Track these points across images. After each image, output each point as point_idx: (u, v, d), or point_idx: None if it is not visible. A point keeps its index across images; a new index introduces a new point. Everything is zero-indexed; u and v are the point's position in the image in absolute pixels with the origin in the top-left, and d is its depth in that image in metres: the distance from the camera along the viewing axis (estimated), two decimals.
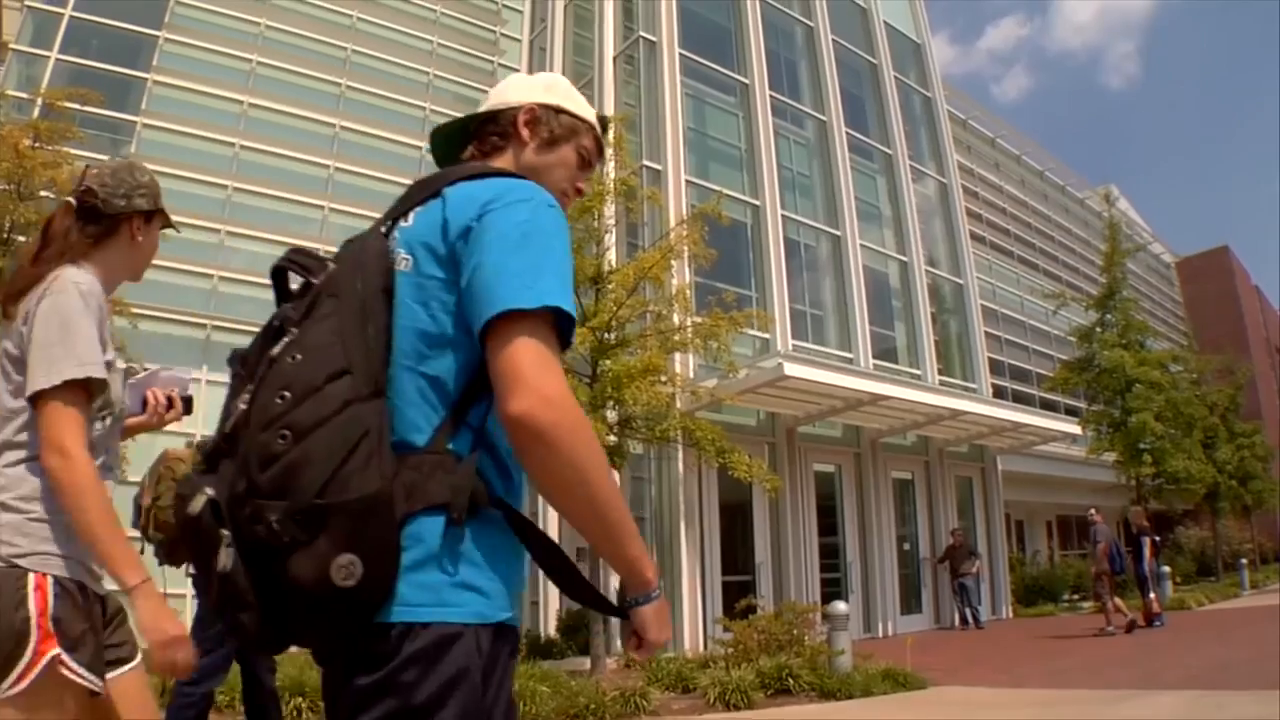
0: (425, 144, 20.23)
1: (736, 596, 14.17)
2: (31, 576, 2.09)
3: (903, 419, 18.93)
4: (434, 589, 1.45)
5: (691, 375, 16.06)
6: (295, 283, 1.71)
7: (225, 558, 1.40)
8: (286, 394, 1.42)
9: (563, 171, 1.93)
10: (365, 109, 20.15)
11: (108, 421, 2.35)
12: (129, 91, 17.83)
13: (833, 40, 22.36)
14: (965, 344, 23.54)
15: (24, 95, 15.82)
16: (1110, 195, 32.19)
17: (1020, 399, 28.90)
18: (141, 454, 14.17)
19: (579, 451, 1.46)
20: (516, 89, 1.98)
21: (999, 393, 26.85)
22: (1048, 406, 29.10)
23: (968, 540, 20.05)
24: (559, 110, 1.93)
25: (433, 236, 1.61)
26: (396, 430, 1.49)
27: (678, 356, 15.29)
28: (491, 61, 22.82)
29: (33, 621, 2.06)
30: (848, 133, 21.58)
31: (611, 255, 15.39)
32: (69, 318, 2.18)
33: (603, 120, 2.05)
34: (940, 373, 21.72)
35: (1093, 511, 16.81)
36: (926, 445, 20.91)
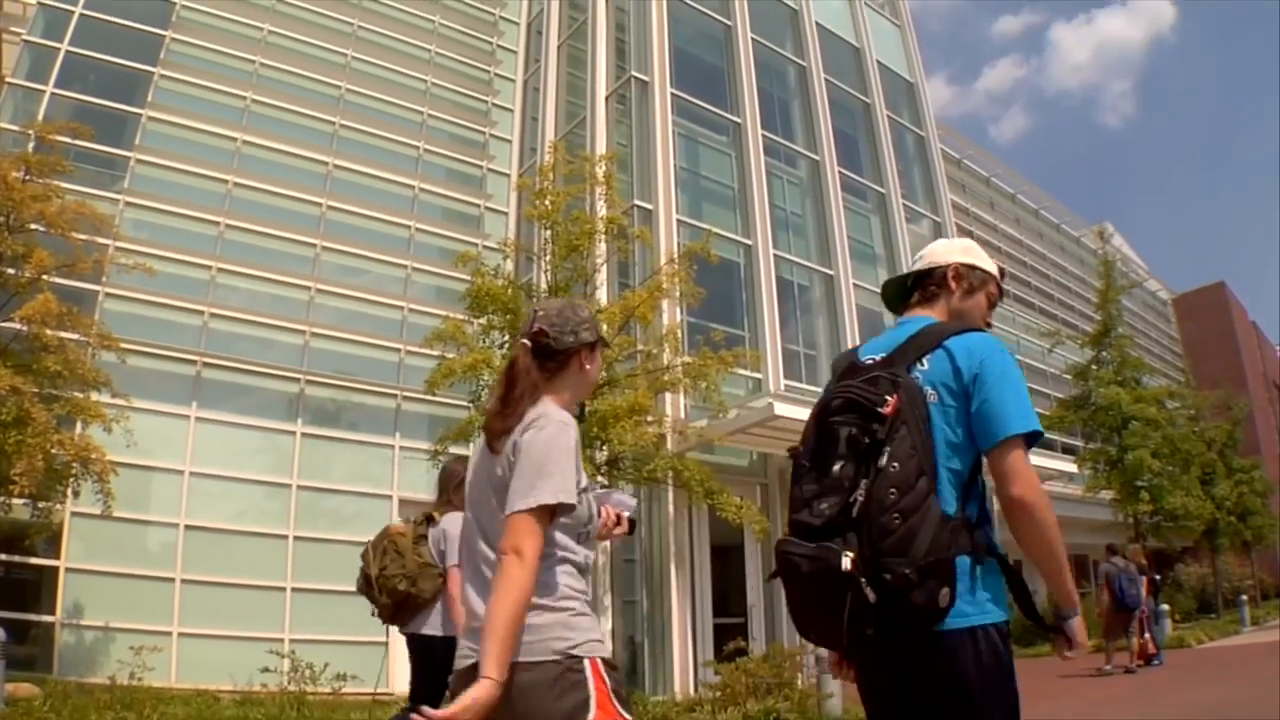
0: (418, 182, 20.54)
1: (728, 639, 13.97)
2: (587, 662, 2.48)
3: None
4: (977, 604, 2.41)
5: (683, 415, 15.93)
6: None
7: (869, 594, 2.27)
8: (894, 491, 2.32)
9: (979, 311, 2.90)
10: (359, 148, 20.16)
11: (587, 538, 2.75)
12: (124, 127, 17.86)
13: (825, 79, 22.41)
14: None
15: (15, 128, 15.90)
16: (1105, 232, 32.20)
17: None
18: (135, 492, 14.19)
19: (1046, 518, 2.42)
20: (943, 253, 2.98)
21: None
22: (1045, 445, 28.89)
23: None
24: (973, 267, 2.91)
25: (949, 379, 2.54)
26: (944, 504, 2.40)
27: (668, 397, 15.22)
28: (486, 101, 22.92)
29: (593, 700, 2.43)
30: (841, 172, 21.59)
31: (603, 294, 15.39)
32: (551, 451, 2.55)
33: (1001, 270, 2.99)
34: None
35: (1123, 551, 16.46)
36: None
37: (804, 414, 11.57)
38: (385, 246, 19.64)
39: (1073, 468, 23.11)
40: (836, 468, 2.40)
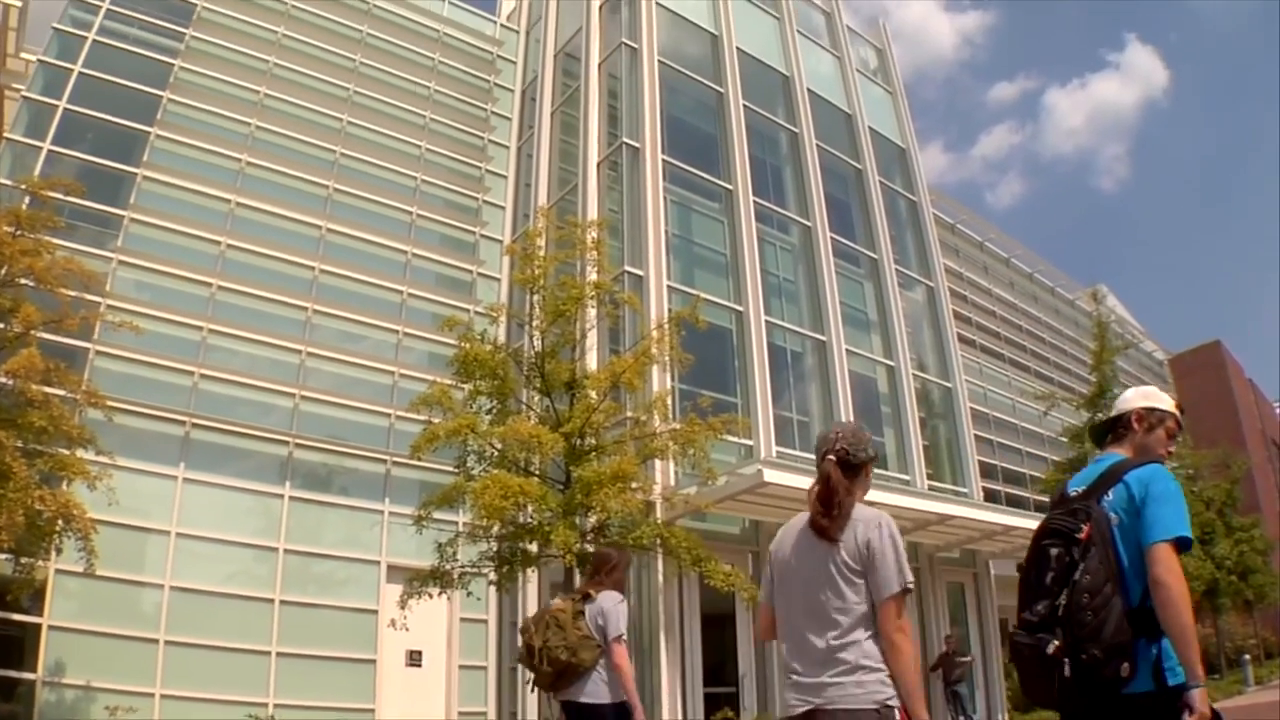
0: (411, 247, 20.62)
1: (719, 709, 13.85)
2: (896, 712, 3.29)
3: None
4: (1155, 673, 3.15)
5: (672, 482, 15.82)
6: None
7: (1067, 670, 3.12)
8: (1087, 595, 3.14)
9: (1159, 443, 3.69)
10: (353, 212, 20.28)
11: None
12: (120, 186, 17.94)
13: (817, 146, 22.58)
14: (955, 448, 23.33)
15: (8, 183, 15.98)
16: (1098, 294, 32.31)
17: (1014, 502, 28.65)
18: (121, 551, 14.06)
19: (1178, 599, 3.06)
20: (1129, 401, 3.80)
21: (992, 496, 26.58)
22: (1043, 509, 28.71)
23: (960, 646, 19.64)
24: (1152, 409, 3.72)
25: (1127, 505, 3.34)
26: (1130, 598, 3.19)
27: (657, 463, 15.14)
28: (479, 167, 23.07)
29: None
30: (833, 238, 21.67)
31: (592, 359, 15.36)
32: (900, 548, 3.41)
33: (1180, 406, 3.77)
34: (930, 477, 21.47)
35: None
36: (916, 551, 20.57)
37: (795, 480, 11.61)
38: (377, 311, 19.68)
39: None
40: (1048, 579, 3.30)
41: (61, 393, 12.87)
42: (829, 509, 3.49)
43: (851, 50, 26.26)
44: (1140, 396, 3.80)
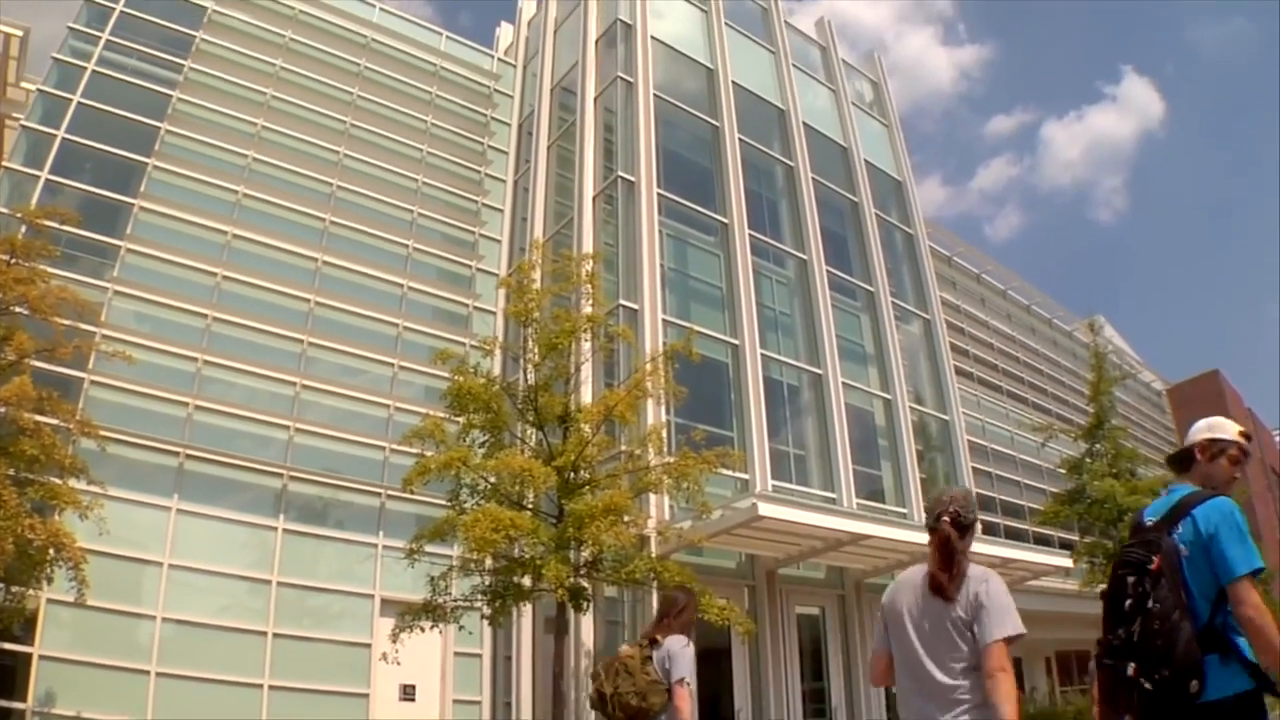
0: (407, 281, 20.63)
1: None
2: None
3: (887, 558, 18.53)
4: (1225, 684, 3.50)
5: (667, 516, 15.77)
6: None
7: (1147, 687, 3.51)
8: (1158, 622, 3.50)
9: (1222, 471, 4.05)
10: (349, 245, 20.30)
11: None
12: (117, 216, 17.96)
13: (813, 179, 22.68)
14: (952, 481, 23.25)
15: (4, 211, 15.99)
16: (1095, 324, 32.23)
17: (1013, 535, 28.54)
18: (114, 581, 13.98)
19: (1265, 628, 3.41)
20: (1195, 433, 4.17)
21: (991, 529, 26.51)
22: (1042, 541, 28.62)
23: None
24: (1214, 440, 4.08)
25: (1196, 539, 3.66)
26: (1199, 619, 3.55)
27: (652, 497, 15.09)
28: (476, 201, 23.14)
29: None
30: (829, 271, 21.73)
31: (587, 392, 15.35)
32: (1007, 597, 3.78)
33: (1245, 434, 4.16)
34: (927, 511, 21.35)
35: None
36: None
37: (790, 515, 11.59)
38: (373, 344, 19.66)
39: (1067, 563, 22.77)
40: (1125, 605, 3.68)
41: (54, 421, 12.86)
42: (949, 569, 3.89)
43: (847, 84, 26.44)
44: (1205, 428, 4.17)
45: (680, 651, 6.09)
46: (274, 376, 18.41)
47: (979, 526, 4.16)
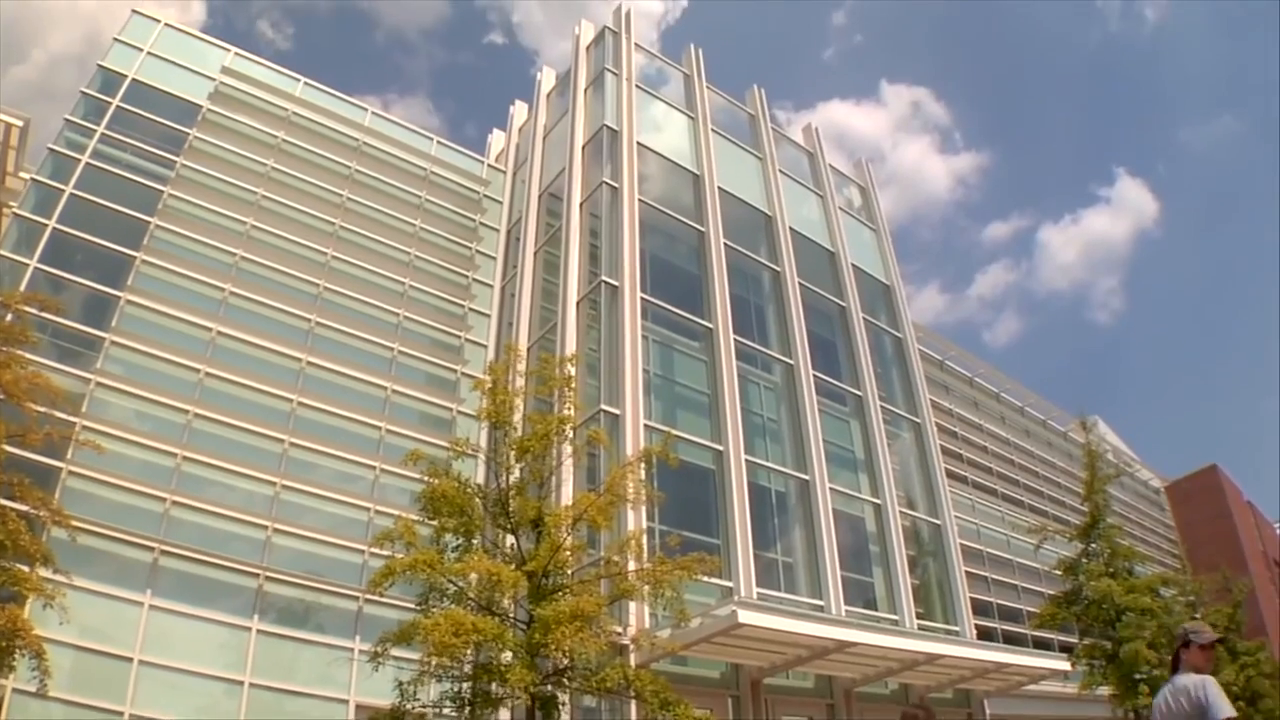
0: (392, 384, 20.62)
1: None
2: None
3: (876, 666, 18.17)
4: None
5: (647, 624, 15.46)
6: None
7: None
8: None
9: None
10: (334, 346, 20.38)
11: None
12: (103, 308, 18.08)
13: (800, 284, 22.78)
14: (946, 586, 22.92)
15: None
16: (1088, 423, 32.07)
17: (1011, 639, 28.05)
18: (82, 674, 13.65)
19: None
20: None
21: (988, 634, 26.04)
22: (1043, 645, 28.15)
23: None
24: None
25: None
26: None
27: (632, 605, 14.81)
28: (462, 306, 23.29)
29: None
30: (816, 376, 21.68)
31: (567, 498, 15.14)
32: (1217, 692, 4.86)
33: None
34: (921, 616, 21.04)
35: None
36: (907, 692, 20.07)
37: (772, 622, 11.31)
38: (355, 447, 19.59)
39: (1065, 666, 22.29)
40: None
41: (23, 508, 12.75)
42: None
43: (836, 190, 26.73)
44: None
45: None
46: (254, 476, 18.29)
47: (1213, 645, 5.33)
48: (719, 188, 22.46)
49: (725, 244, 21.52)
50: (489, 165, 26.30)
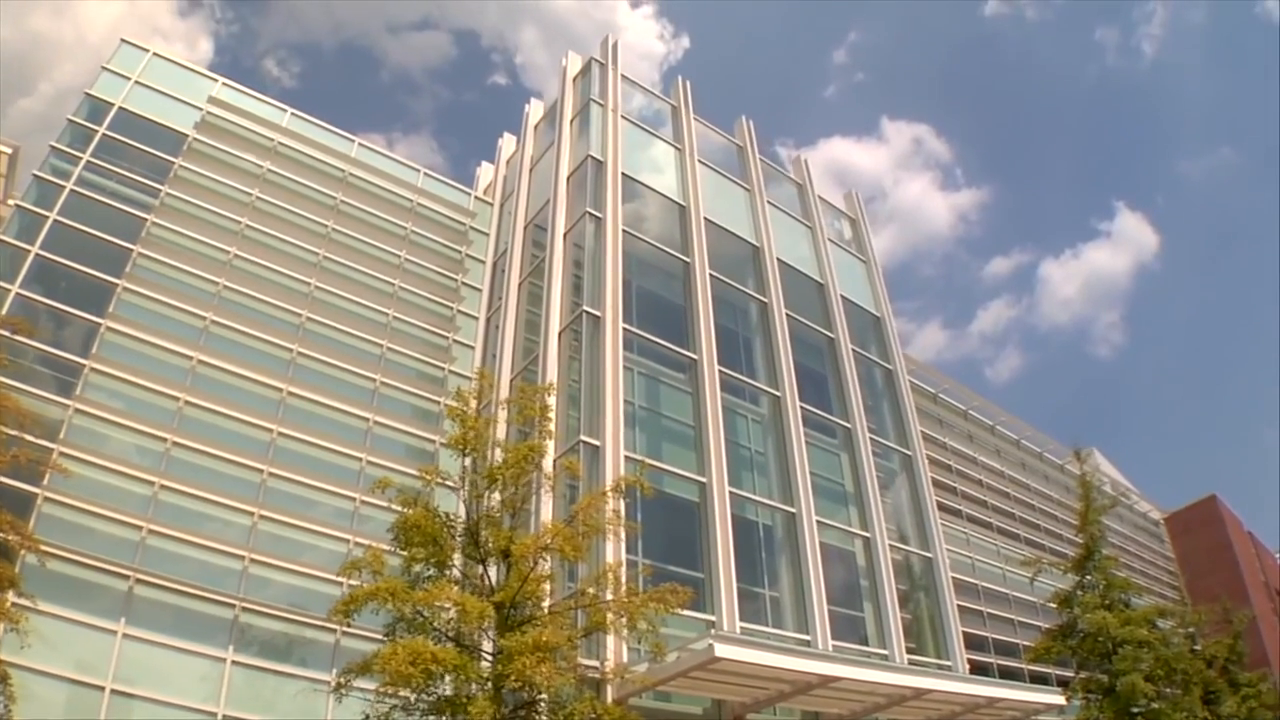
0: (374, 415, 20.46)
1: None
2: None
3: (863, 701, 17.79)
4: None
5: (625, 658, 15.19)
6: None
7: None
8: None
9: None
10: (315, 376, 20.28)
11: None
12: (84, 334, 18.06)
13: (788, 315, 22.65)
14: (937, 620, 22.59)
15: None
16: (1083, 454, 31.82)
17: (1008, 674, 27.76)
18: (51, 702, 13.36)
19: None
20: None
21: (983, 669, 25.73)
22: (1039, 680, 27.77)
23: None
24: None
25: None
26: None
27: (610, 639, 14.54)
28: (447, 337, 23.19)
29: None
30: (805, 408, 21.49)
31: (544, 524, 14.91)
32: None
33: None
34: (912, 651, 20.71)
35: None
36: None
37: (752, 656, 11.02)
38: (335, 478, 19.42)
39: (1059, 699, 21.90)
40: None
41: None
42: None
43: (824, 220, 26.65)
44: None
45: None
46: (231, 505, 18.13)
47: None
48: (705, 219, 22.39)
49: (711, 275, 21.41)
50: (476, 197, 26.31)
